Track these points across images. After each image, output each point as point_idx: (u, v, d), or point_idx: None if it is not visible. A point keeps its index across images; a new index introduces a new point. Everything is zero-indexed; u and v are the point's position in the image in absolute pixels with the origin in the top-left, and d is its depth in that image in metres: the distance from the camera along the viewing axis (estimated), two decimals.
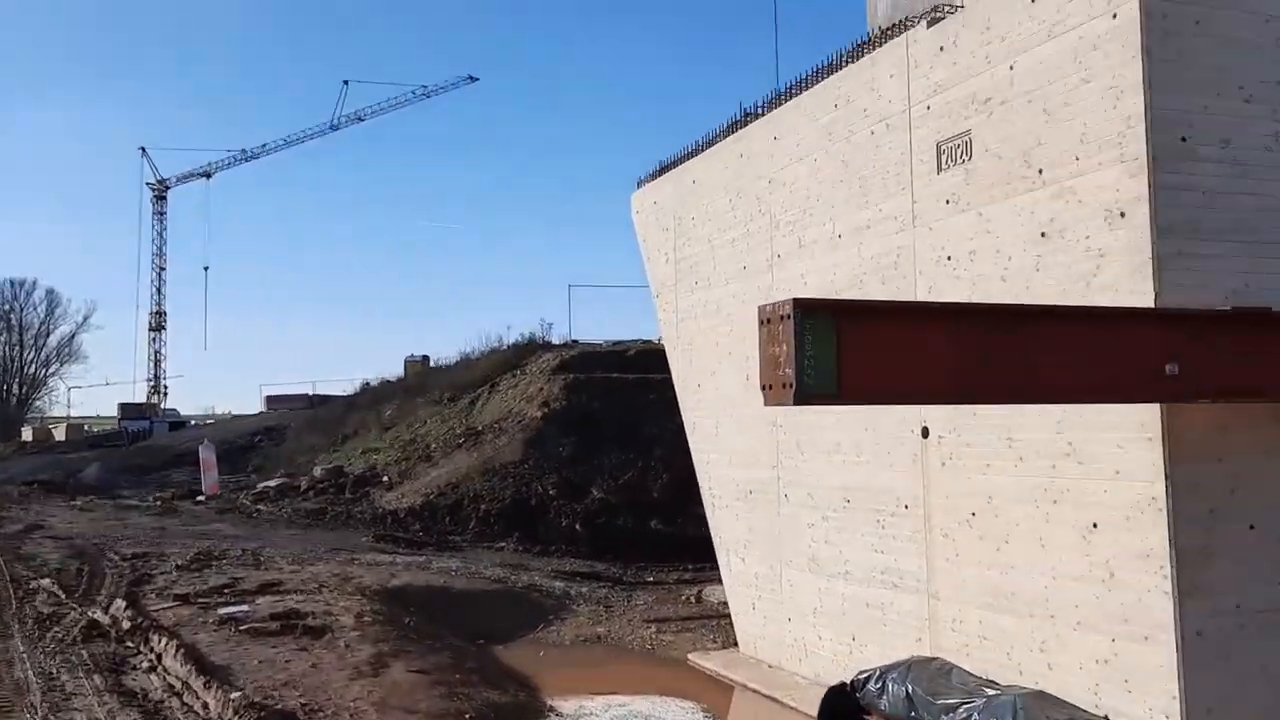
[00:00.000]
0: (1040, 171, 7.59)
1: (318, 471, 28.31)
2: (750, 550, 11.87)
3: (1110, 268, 6.98)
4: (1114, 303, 6.90)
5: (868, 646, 9.68)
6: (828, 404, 6.05)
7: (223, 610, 11.63)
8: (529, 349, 31.40)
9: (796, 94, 10.97)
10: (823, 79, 10.38)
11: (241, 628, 10.65)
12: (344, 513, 23.07)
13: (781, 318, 5.37)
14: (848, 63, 10.05)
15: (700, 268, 12.91)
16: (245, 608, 11.69)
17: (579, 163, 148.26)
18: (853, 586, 9.89)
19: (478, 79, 71.21)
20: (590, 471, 22.36)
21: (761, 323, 5.57)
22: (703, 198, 12.82)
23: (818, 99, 10.43)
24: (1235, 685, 6.69)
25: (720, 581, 17.31)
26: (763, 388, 5.55)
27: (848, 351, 5.40)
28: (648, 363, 26.81)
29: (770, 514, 11.40)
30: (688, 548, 20.07)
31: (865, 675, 8.40)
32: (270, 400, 55.24)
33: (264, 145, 71.98)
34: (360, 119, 69.69)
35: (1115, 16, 6.92)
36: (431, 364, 43.27)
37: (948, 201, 8.58)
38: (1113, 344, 5.98)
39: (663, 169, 14.19)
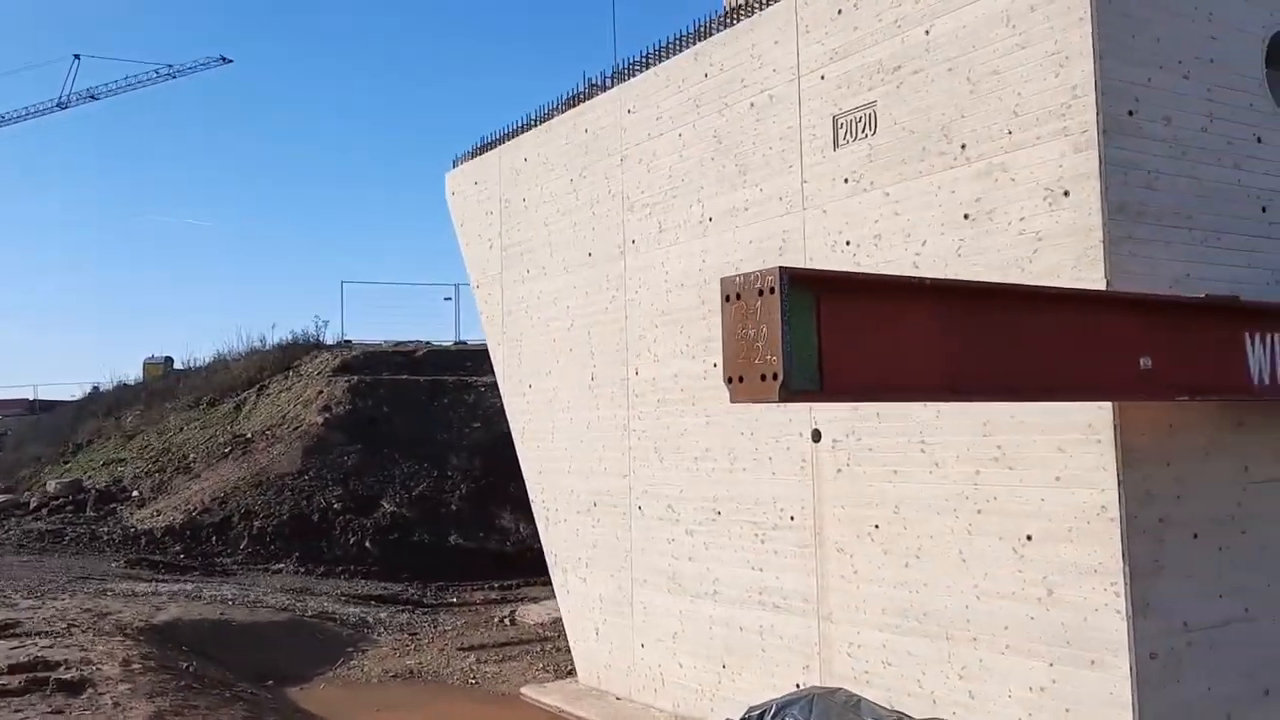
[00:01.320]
0: (963, 147, 6.86)
1: (51, 486, 24.79)
2: (593, 569, 10.69)
3: (1050, 252, 6.30)
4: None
5: (742, 674, 8.72)
6: (808, 400, 4.99)
7: None
8: (300, 349, 28.83)
9: (655, 62, 9.94)
10: (689, 45, 9.39)
11: None
12: (86, 534, 20.05)
13: (760, 291, 4.26)
14: (719, 28, 9.10)
15: (533, 255, 11.64)
16: None
17: (349, 150, 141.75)
18: (723, 608, 8.91)
19: (231, 60, 66.27)
20: (380, 482, 20.48)
21: (727, 298, 4.44)
22: (537, 177, 11.57)
23: (683, 68, 9.43)
24: (1185, 710, 6.14)
25: (535, 601, 16.09)
26: (729, 380, 4.42)
27: (829, 335, 4.36)
28: (438, 365, 25.16)
29: (619, 528, 10.28)
30: (491, 564, 18.73)
31: (759, 710, 7.36)
32: None
33: None
34: (94, 97, 63.37)
35: None
36: (175, 366, 39.66)
37: (846, 181, 7.76)
38: (1095, 333, 5.24)
39: (485, 146, 12.83)
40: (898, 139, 7.34)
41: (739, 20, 8.86)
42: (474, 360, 25.84)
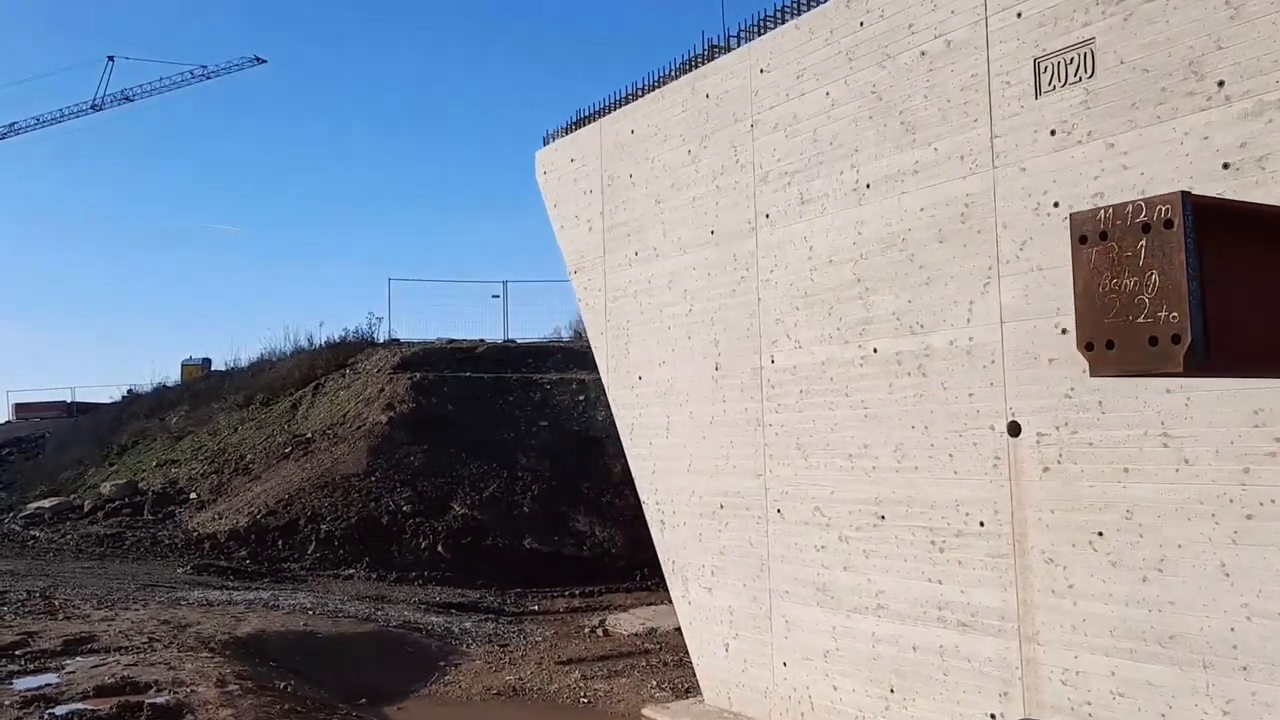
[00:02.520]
0: (1220, 84, 5.78)
1: (106, 489, 24.14)
2: (721, 578, 9.68)
3: None
4: None
5: (915, 700, 7.68)
6: (1204, 374, 3.93)
7: (20, 684, 8.42)
8: (353, 347, 28.11)
9: (791, 16, 8.92)
10: None
11: (58, 712, 7.56)
12: (147, 538, 19.36)
13: (1145, 227, 3.20)
14: None
15: (642, 236, 10.64)
16: (54, 678, 8.52)
17: (374, 151, 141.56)
18: (890, 625, 7.87)
19: (265, 60, 65.71)
20: (449, 483, 19.60)
21: (1083, 239, 3.38)
22: (647, 150, 10.57)
23: (831, 17, 8.39)
24: None
25: (623, 610, 15.10)
26: (1088, 347, 3.36)
27: (1215, 289, 3.30)
28: (499, 362, 24.30)
29: (753, 533, 9.26)
30: (569, 569, 17.78)
31: None
32: (19, 408, 49.09)
33: (12, 124, 64.13)
34: (129, 99, 63.11)
35: None
36: (214, 367, 39.29)
37: (1053, 132, 6.69)
38: None
39: (582, 120, 11.85)
40: (1125, 80, 6.27)
41: None
42: (535, 356, 24.97)
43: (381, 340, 28.74)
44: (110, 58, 64.28)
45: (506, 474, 19.93)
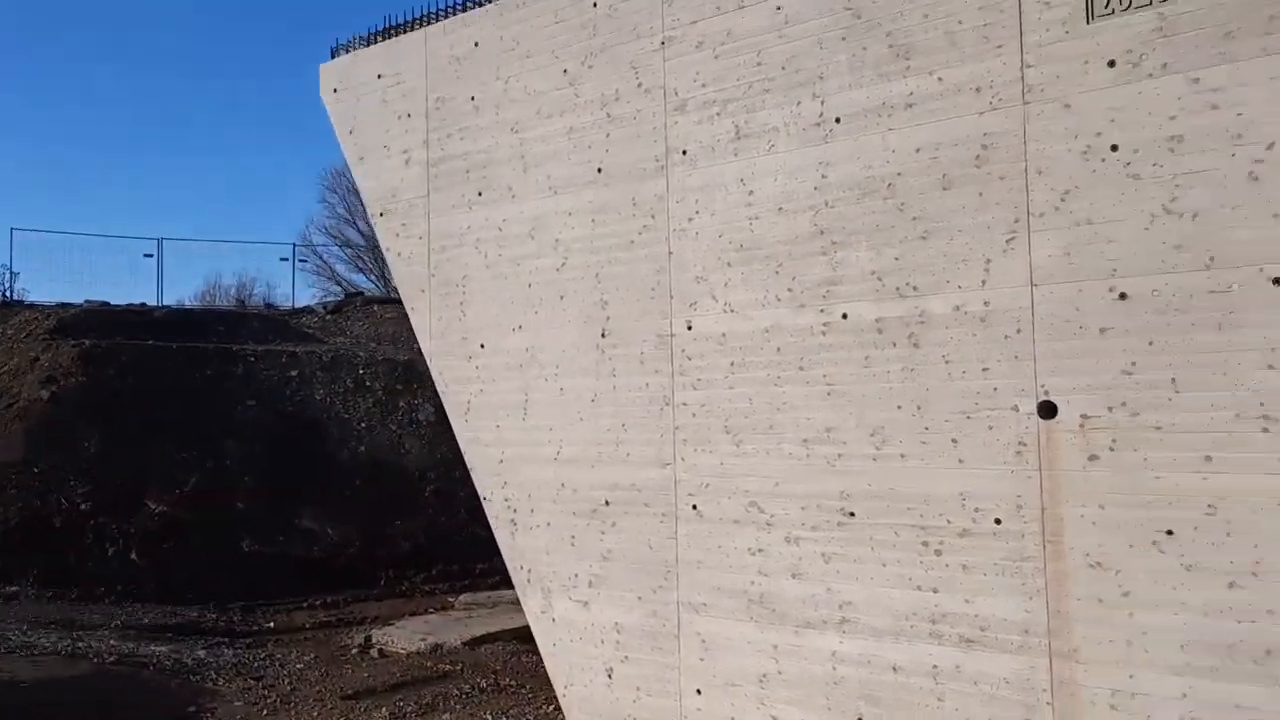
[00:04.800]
0: None
1: None
2: (604, 589, 8.01)
3: None
4: None
5: None
6: None
7: None
8: None
9: None
10: None
11: None
12: None
13: None
14: None
15: (492, 172, 8.69)
16: None
17: None
18: (859, 642, 6.63)
19: None
20: (138, 476, 16.15)
21: None
22: (500, 69, 8.63)
23: None
24: None
25: (388, 623, 12.97)
26: None
27: None
28: (183, 329, 20.76)
29: (654, 535, 7.68)
30: (299, 575, 15.22)
31: None
32: None
33: None
34: None
35: None
36: None
37: (1112, 64, 5.70)
38: None
39: (398, 27, 9.63)
40: (1218, 5, 5.38)
41: None
42: (228, 325, 21.66)
43: (10, 300, 23.83)
44: None
45: (212, 463, 16.77)
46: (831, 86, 6.77)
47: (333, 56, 10.14)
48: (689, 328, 7.46)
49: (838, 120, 6.74)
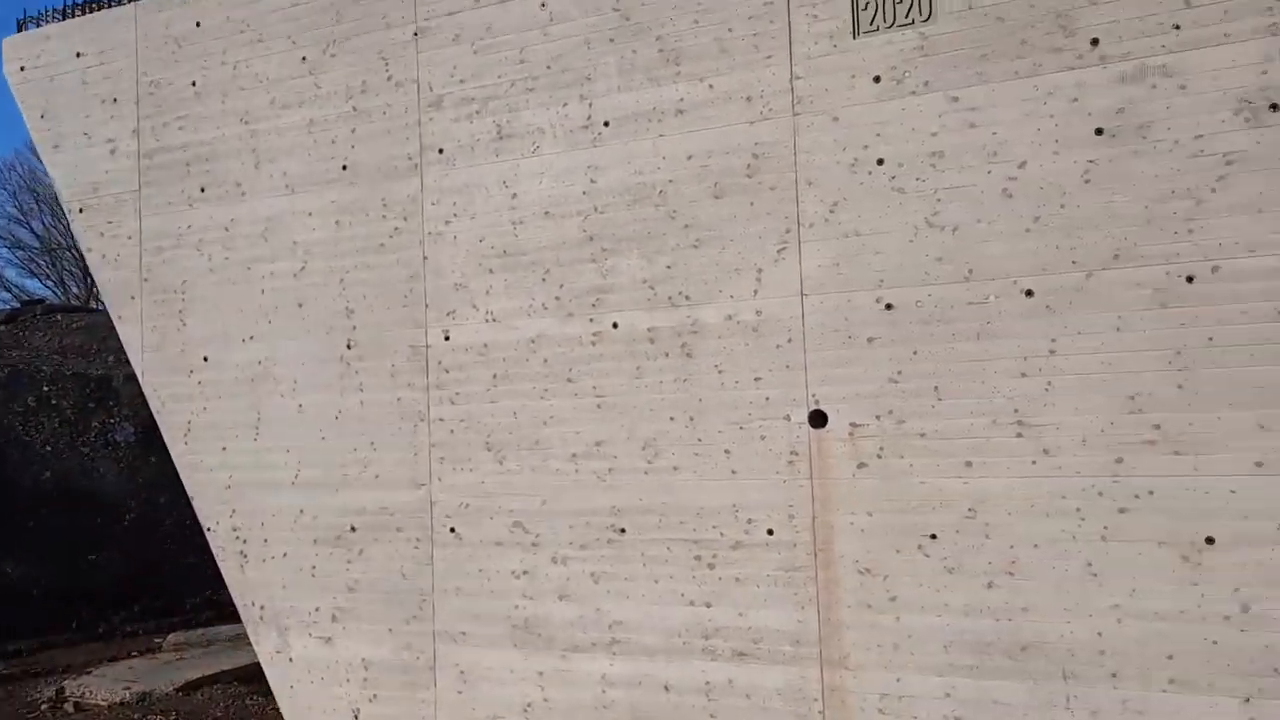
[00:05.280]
0: (1094, 43, 5.35)
1: None
2: (350, 623, 7.34)
3: (1247, 181, 5.05)
4: (1258, 229, 5.00)
5: None
6: None
7: None
8: None
9: None
10: None
11: None
12: None
13: None
14: None
15: (218, 166, 7.84)
16: None
17: None
18: (630, 663, 6.40)
19: None
20: None
21: None
22: (227, 53, 7.81)
23: None
24: None
25: (85, 671, 11.56)
26: None
27: None
28: None
29: (407, 562, 7.13)
30: None
31: None
32: None
33: None
34: None
35: None
36: None
37: (878, 79, 5.83)
38: None
39: (96, 3, 8.53)
40: (975, 27, 5.61)
41: None
42: None
43: None
44: None
45: None
46: (600, 89, 6.56)
47: (19, 29, 8.86)
48: (447, 338, 6.99)
49: (606, 124, 6.53)
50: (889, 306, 5.76)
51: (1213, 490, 5.11)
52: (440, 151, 7.05)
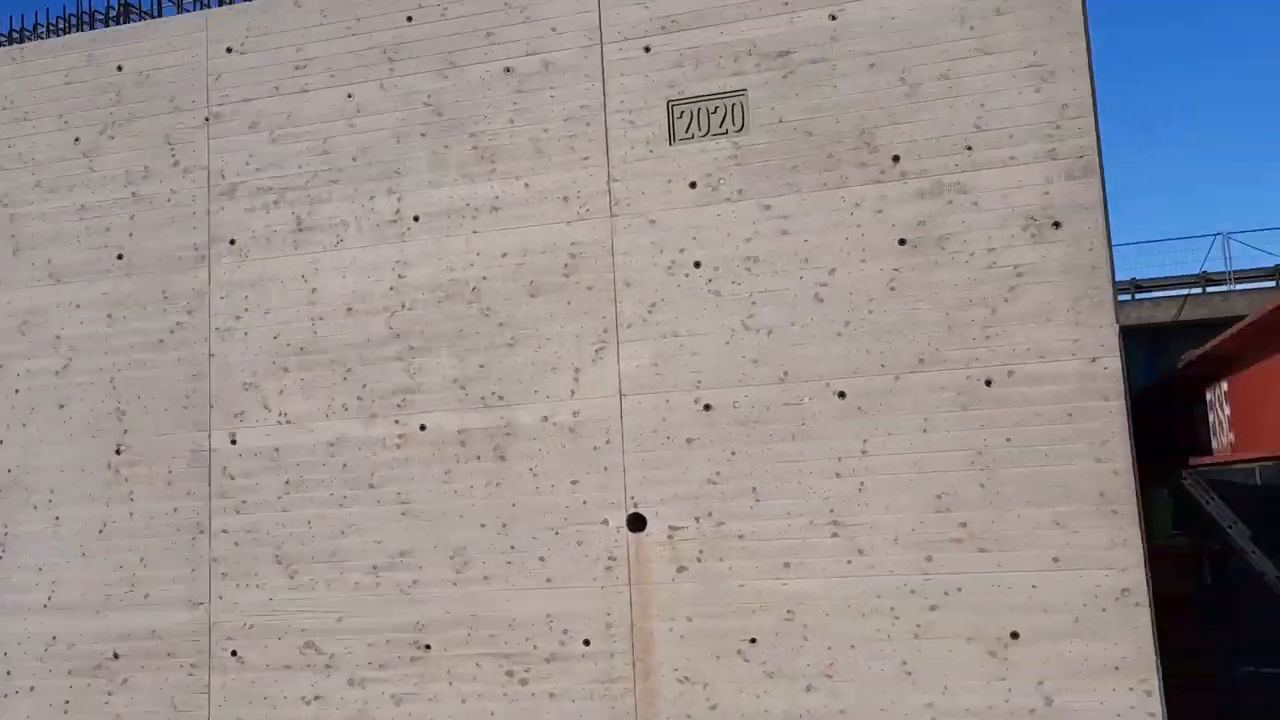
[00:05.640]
0: (896, 159, 5.66)
1: None
2: None
3: (1038, 290, 5.40)
4: (1046, 336, 5.34)
5: None
6: None
7: None
8: None
9: None
10: None
11: None
12: None
13: None
14: None
15: None
16: None
17: None
18: None
19: None
20: None
21: None
22: None
23: (360, 3, 6.58)
24: None
25: None
26: None
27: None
28: None
29: (180, 692, 6.36)
30: None
31: None
32: None
33: None
34: None
35: None
36: None
37: (694, 185, 5.93)
38: None
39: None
40: (785, 140, 5.83)
41: None
42: None
43: None
44: None
45: None
46: (410, 183, 6.36)
47: None
48: (233, 441, 6.45)
49: (416, 218, 6.33)
50: (707, 407, 5.76)
51: (1015, 585, 5.30)
52: (232, 242, 6.61)
